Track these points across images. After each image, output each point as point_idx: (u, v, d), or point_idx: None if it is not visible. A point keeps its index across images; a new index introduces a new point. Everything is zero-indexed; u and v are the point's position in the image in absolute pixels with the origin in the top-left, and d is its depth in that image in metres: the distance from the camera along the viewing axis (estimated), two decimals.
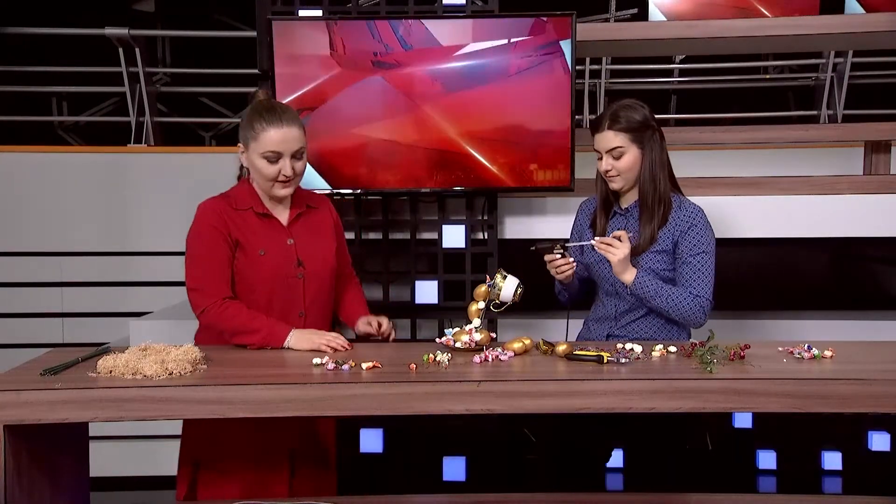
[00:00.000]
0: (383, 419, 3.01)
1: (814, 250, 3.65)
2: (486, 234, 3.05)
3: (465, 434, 3.11)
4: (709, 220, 2.25)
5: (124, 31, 4.75)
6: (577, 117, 3.28)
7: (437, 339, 2.05)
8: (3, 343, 4.09)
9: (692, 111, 5.64)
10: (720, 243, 2.31)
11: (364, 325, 2.19)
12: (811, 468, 3.17)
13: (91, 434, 2.06)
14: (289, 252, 2.13)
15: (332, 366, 1.82)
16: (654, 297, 2.19)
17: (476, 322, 2.03)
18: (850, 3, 3.96)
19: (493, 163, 2.83)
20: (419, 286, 3.04)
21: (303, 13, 2.93)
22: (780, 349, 1.98)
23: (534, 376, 1.76)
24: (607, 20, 5.38)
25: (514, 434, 3.11)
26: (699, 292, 2.18)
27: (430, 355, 1.86)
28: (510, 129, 2.81)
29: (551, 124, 2.80)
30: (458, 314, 3.00)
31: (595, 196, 2.38)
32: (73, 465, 1.96)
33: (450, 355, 1.89)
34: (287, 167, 2.06)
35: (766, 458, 3.17)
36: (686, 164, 2.83)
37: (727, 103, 5.91)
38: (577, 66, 3.16)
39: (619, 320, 2.30)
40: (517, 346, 1.97)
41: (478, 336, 1.97)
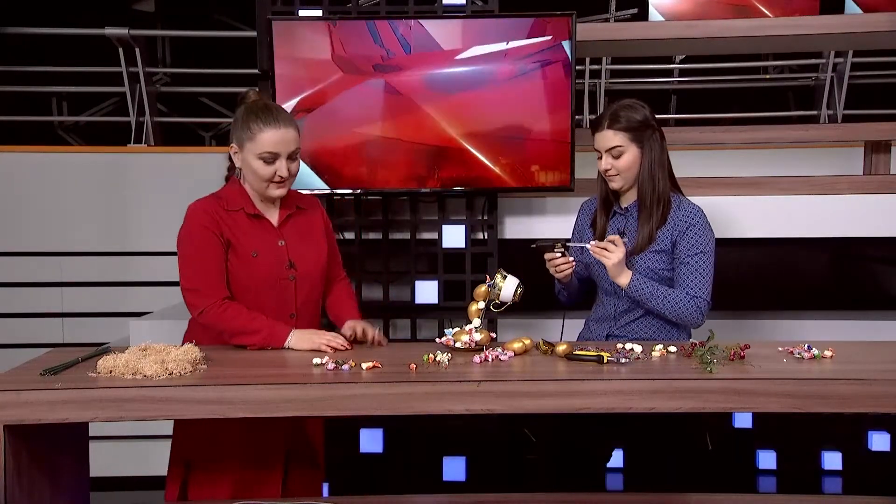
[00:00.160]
0: (383, 419, 3.01)
1: (814, 250, 3.65)
2: (486, 234, 3.05)
3: (465, 434, 3.11)
4: (708, 221, 2.25)
5: (124, 31, 4.76)
6: (577, 117, 3.28)
7: (437, 339, 2.05)
8: (3, 343, 4.09)
9: (692, 111, 5.64)
10: (720, 243, 2.31)
11: (347, 330, 2.13)
12: (811, 468, 3.16)
13: (91, 434, 2.06)
14: (280, 254, 2.12)
15: (332, 366, 1.82)
16: (650, 299, 2.19)
17: (476, 322, 2.03)
18: (849, 4, 3.96)
19: (494, 163, 2.83)
20: (419, 286, 3.04)
21: (303, 13, 2.93)
22: (780, 349, 1.98)
23: (534, 376, 1.76)
24: (607, 20, 5.38)
25: (514, 434, 3.11)
26: (696, 293, 2.18)
27: (430, 355, 1.86)
28: (510, 129, 2.81)
29: (551, 124, 2.80)
30: (458, 314, 3.00)
31: (596, 196, 2.38)
32: (73, 465, 1.96)
33: (450, 355, 1.89)
34: (283, 168, 2.05)
35: (766, 458, 3.16)
36: (686, 164, 2.83)
37: (727, 103, 5.91)
38: (577, 66, 3.16)
39: (619, 320, 2.30)
40: (517, 346, 1.97)
41: (478, 336, 1.97)
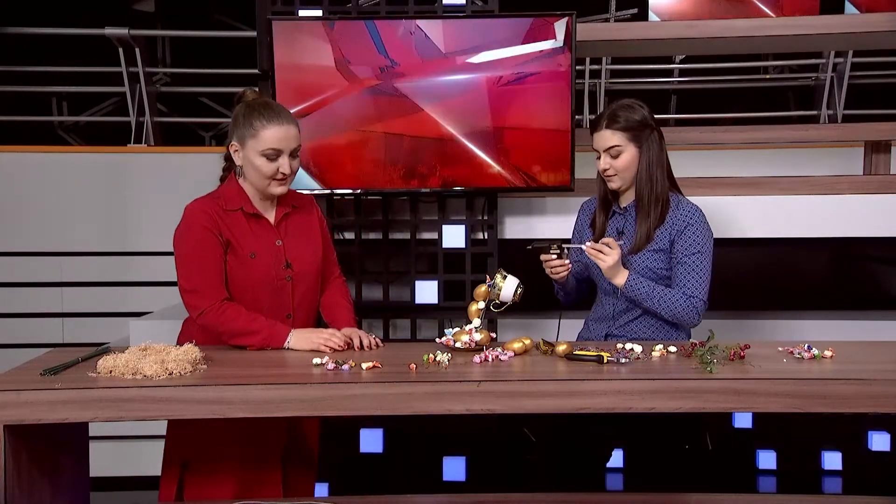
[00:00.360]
0: (383, 419, 3.01)
1: (814, 250, 3.65)
2: (486, 234, 3.05)
3: (465, 434, 3.11)
4: (707, 221, 2.25)
5: (124, 31, 4.76)
6: (577, 117, 3.28)
7: (437, 339, 2.05)
8: (3, 343, 4.09)
9: (692, 111, 5.64)
10: (720, 243, 2.31)
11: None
12: (811, 468, 3.16)
13: (91, 434, 2.06)
14: (277, 254, 2.12)
15: (332, 366, 1.82)
16: (646, 298, 2.19)
17: (476, 322, 2.03)
18: (847, 7, 3.96)
19: (493, 163, 2.83)
20: (419, 286, 3.04)
21: (303, 13, 2.93)
22: (780, 349, 1.98)
23: (534, 376, 1.76)
24: (607, 20, 5.38)
25: (514, 434, 3.11)
26: (693, 293, 2.18)
27: (430, 355, 1.86)
28: (510, 129, 2.81)
29: (551, 124, 2.80)
30: (458, 314, 3.00)
31: (596, 196, 2.38)
32: (73, 465, 1.96)
33: (450, 355, 1.89)
34: (285, 165, 2.06)
35: (766, 458, 3.16)
36: (686, 164, 2.83)
37: (727, 103, 5.91)
38: (577, 66, 3.16)
39: (618, 320, 2.30)
40: (517, 346, 1.97)
41: (478, 336, 1.97)
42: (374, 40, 2.77)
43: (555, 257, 2.21)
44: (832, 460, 3.15)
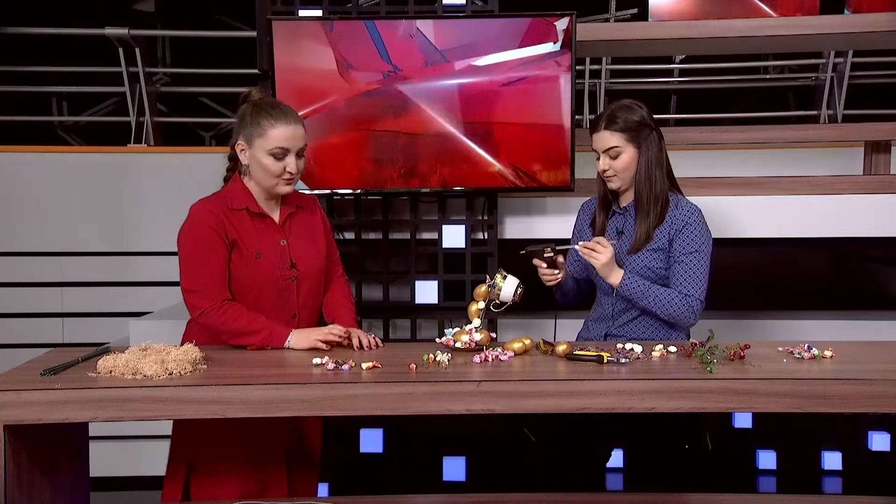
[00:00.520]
0: (383, 419, 3.01)
1: (814, 250, 3.65)
2: (486, 234, 3.05)
3: (465, 434, 3.11)
4: (705, 221, 2.25)
5: (124, 31, 4.76)
6: (577, 117, 3.28)
7: (437, 339, 2.05)
8: (3, 343, 4.09)
9: (692, 111, 5.64)
10: (720, 243, 2.31)
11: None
12: (811, 468, 3.16)
13: (91, 434, 2.06)
14: (283, 253, 2.13)
15: (332, 366, 1.82)
16: (641, 297, 2.19)
17: (476, 322, 2.03)
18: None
19: (493, 162, 2.83)
20: (419, 286, 3.04)
21: (303, 13, 2.93)
22: (780, 349, 1.98)
23: (534, 376, 1.76)
24: (607, 20, 5.38)
25: (514, 434, 3.11)
26: (689, 292, 2.18)
27: (430, 355, 1.86)
28: (510, 129, 2.81)
29: (551, 124, 2.80)
30: (458, 314, 3.00)
31: (596, 196, 2.39)
32: (73, 465, 1.96)
33: (450, 355, 1.89)
34: (292, 164, 2.07)
35: (766, 458, 3.16)
36: (686, 164, 2.83)
37: (727, 103, 5.91)
38: (577, 66, 3.16)
39: (617, 319, 2.30)
40: (517, 346, 1.97)
41: (478, 336, 1.97)
42: (376, 42, 2.77)
43: (545, 266, 2.21)
44: (832, 460, 3.15)
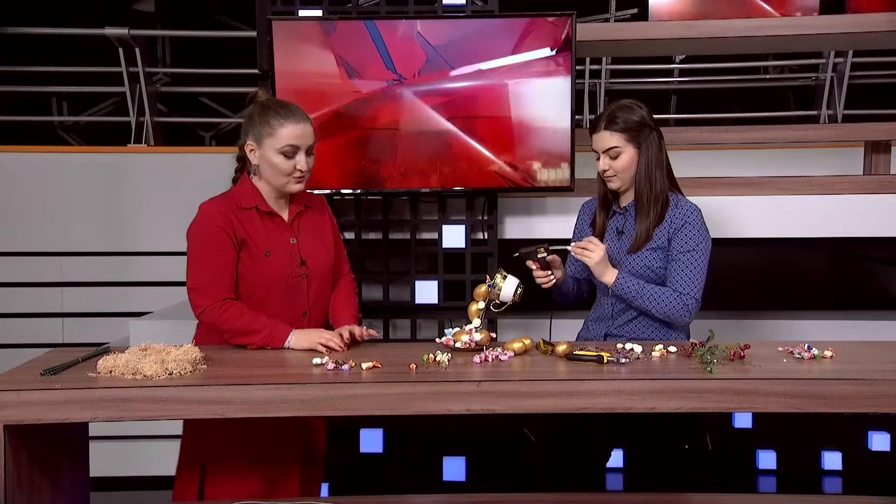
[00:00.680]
0: (383, 419, 3.01)
1: (814, 250, 3.65)
2: (486, 234, 3.05)
3: (465, 434, 3.11)
4: (704, 221, 2.24)
5: (124, 31, 4.76)
6: (577, 117, 3.28)
7: (437, 339, 2.05)
8: (3, 343, 4.09)
9: (692, 111, 5.64)
10: (720, 243, 2.31)
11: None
12: (811, 468, 3.16)
13: (91, 434, 2.06)
14: (292, 251, 2.14)
15: (332, 366, 1.82)
16: (636, 296, 2.19)
17: (476, 322, 2.03)
18: None
19: (493, 163, 2.83)
20: (419, 286, 3.04)
21: (303, 13, 2.93)
22: (780, 349, 1.98)
23: (534, 376, 1.76)
24: (607, 20, 5.38)
25: (514, 434, 3.11)
26: (684, 290, 2.18)
27: (430, 355, 1.86)
28: (510, 129, 2.81)
29: (551, 124, 2.80)
30: (458, 314, 3.00)
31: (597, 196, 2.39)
32: (73, 465, 1.96)
33: (450, 355, 1.89)
34: (303, 161, 2.09)
35: (766, 458, 3.16)
36: (686, 164, 2.83)
37: (727, 103, 5.91)
38: (577, 66, 3.16)
39: (616, 319, 2.30)
40: (517, 346, 1.97)
41: (478, 336, 1.97)
42: (376, 42, 2.77)
43: (538, 267, 2.21)
44: (832, 460, 3.16)
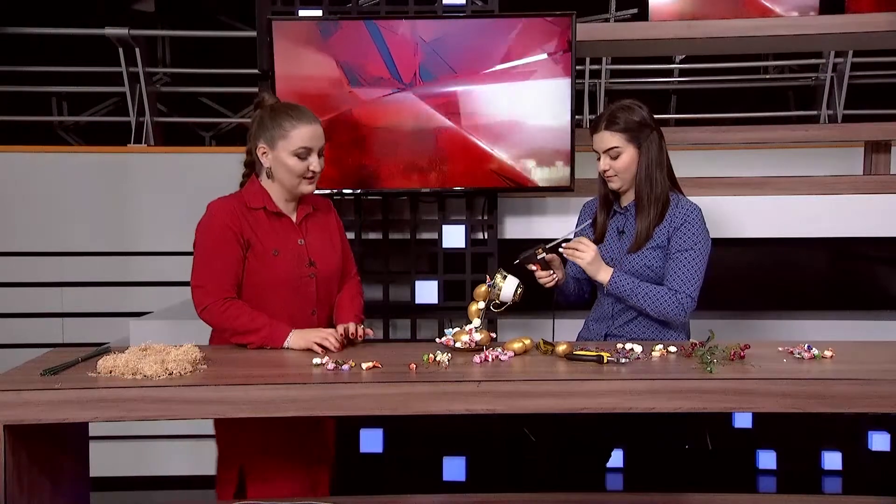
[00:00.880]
0: (383, 419, 3.01)
1: (814, 250, 3.65)
2: (486, 234, 3.05)
3: (465, 434, 3.11)
4: (704, 220, 2.24)
5: (124, 31, 4.76)
6: (577, 117, 3.28)
7: (437, 339, 2.05)
8: (3, 343, 4.09)
9: (692, 111, 5.64)
10: (720, 243, 2.31)
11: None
12: (811, 468, 3.17)
13: (91, 434, 2.06)
14: (301, 252, 2.15)
15: (332, 366, 1.82)
16: (631, 295, 2.19)
17: (476, 322, 2.03)
18: None
19: (493, 162, 2.83)
20: (419, 286, 3.04)
21: (303, 13, 2.93)
22: (780, 349, 1.98)
23: (534, 376, 1.76)
24: (607, 20, 5.38)
25: (514, 434, 3.11)
26: (679, 288, 2.18)
27: (430, 355, 1.86)
28: (510, 129, 2.81)
29: (551, 124, 2.80)
30: (458, 314, 3.00)
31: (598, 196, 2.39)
32: (73, 465, 1.96)
33: (450, 355, 1.89)
34: (315, 163, 2.11)
35: (766, 458, 3.17)
36: (686, 164, 2.83)
37: (727, 103, 5.90)
38: (577, 66, 3.16)
39: (616, 319, 2.30)
40: (517, 346, 1.97)
41: (478, 336, 1.97)
42: (376, 41, 2.77)
43: (539, 268, 2.21)
44: (832, 460, 3.16)
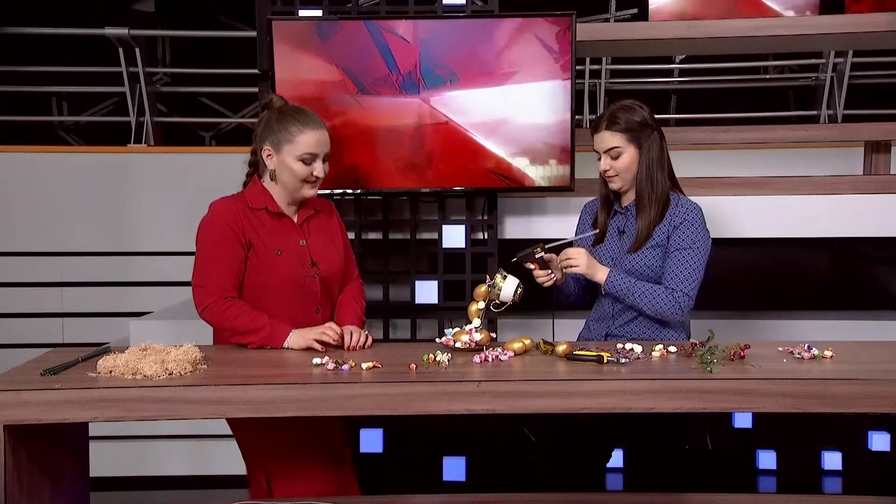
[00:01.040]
0: (383, 419, 3.01)
1: (814, 250, 3.65)
2: (486, 234, 3.05)
3: (465, 434, 3.11)
4: (704, 220, 2.24)
5: (124, 31, 4.76)
6: (577, 117, 3.28)
7: (437, 339, 2.05)
8: (3, 343, 4.09)
9: (692, 111, 5.64)
10: (720, 243, 2.30)
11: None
12: (811, 468, 3.17)
13: (91, 434, 2.06)
14: (302, 253, 2.16)
15: (332, 366, 1.82)
16: (627, 293, 2.19)
17: (476, 322, 2.03)
18: None
19: (493, 162, 2.83)
20: (419, 286, 3.04)
21: (303, 13, 2.93)
22: (780, 349, 1.98)
23: (534, 376, 1.76)
24: (607, 20, 5.38)
25: (514, 434, 3.11)
26: (675, 286, 2.18)
27: (430, 355, 1.86)
28: (510, 129, 2.81)
29: (551, 124, 2.80)
30: (458, 314, 3.00)
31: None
32: (73, 465, 1.96)
33: (450, 355, 1.89)
34: (319, 168, 2.12)
35: (766, 458, 3.17)
36: (686, 164, 2.83)
37: (727, 103, 5.90)
38: (577, 66, 3.16)
39: (617, 319, 2.30)
40: (517, 346, 1.97)
41: (478, 336, 1.97)
42: (377, 42, 2.76)
43: (537, 268, 2.21)
44: (832, 460, 3.16)
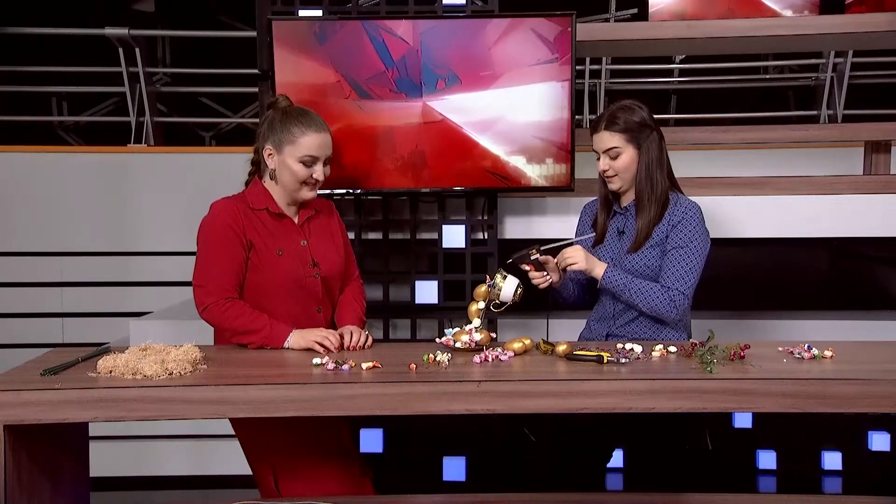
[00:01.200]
0: (383, 419, 3.01)
1: (814, 250, 3.65)
2: (486, 234, 3.05)
3: (465, 434, 3.11)
4: (703, 219, 2.24)
5: (124, 31, 4.76)
6: (577, 117, 3.28)
7: (437, 339, 2.05)
8: (3, 343, 4.09)
9: (692, 111, 5.64)
10: (720, 243, 2.30)
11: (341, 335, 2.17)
12: (811, 468, 3.17)
13: (91, 434, 2.06)
14: (303, 253, 2.17)
15: (332, 366, 1.82)
16: (624, 290, 2.19)
17: (476, 322, 2.03)
18: None
19: (493, 162, 2.83)
20: (419, 286, 3.04)
21: (303, 13, 2.93)
22: (780, 349, 1.98)
23: (534, 376, 1.76)
24: (607, 20, 5.38)
25: (514, 434, 3.11)
26: (672, 285, 2.17)
27: (430, 355, 1.86)
28: (510, 129, 2.80)
29: (551, 124, 2.80)
30: (458, 314, 3.00)
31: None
32: (73, 465, 1.96)
33: (450, 355, 1.89)
34: (320, 171, 2.13)
35: (766, 458, 3.17)
36: (686, 164, 2.83)
37: (727, 103, 5.91)
38: (577, 66, 3.16)
39: (618, 319, 2.30)
40: (517, 346, 1.97)
41: (478, 336, 1.97)
42: (375, 43, 2.76)
43: (532, 269, 2.21)
44: (832, 460, 3.16)
